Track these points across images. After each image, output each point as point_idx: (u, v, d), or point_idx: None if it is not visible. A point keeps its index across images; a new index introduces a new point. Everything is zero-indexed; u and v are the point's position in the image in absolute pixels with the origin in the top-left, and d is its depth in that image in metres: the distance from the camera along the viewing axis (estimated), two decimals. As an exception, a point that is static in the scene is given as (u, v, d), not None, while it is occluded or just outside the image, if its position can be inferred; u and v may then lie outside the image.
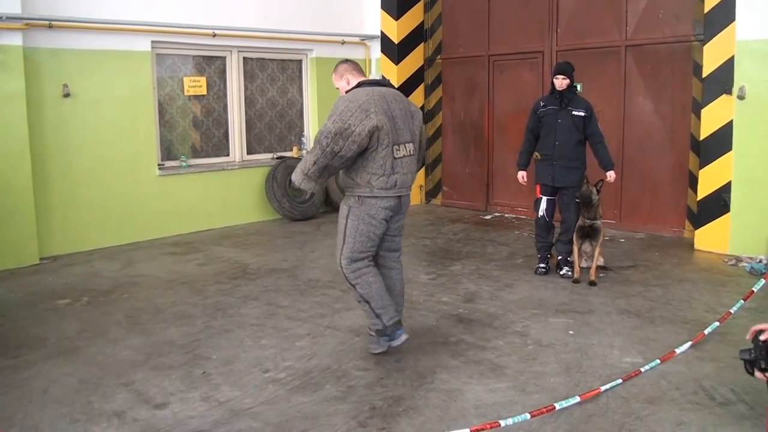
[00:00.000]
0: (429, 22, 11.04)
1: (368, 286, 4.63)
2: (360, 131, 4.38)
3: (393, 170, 4.57)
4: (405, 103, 4.78)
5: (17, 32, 7.52)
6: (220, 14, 9.36)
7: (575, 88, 6.78)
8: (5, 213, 7.44)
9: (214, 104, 9.85)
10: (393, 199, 4.66)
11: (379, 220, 4.63)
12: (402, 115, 4.66)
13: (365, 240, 4.62)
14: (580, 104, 6.61)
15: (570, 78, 6.57)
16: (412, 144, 4.75)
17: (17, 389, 4.42)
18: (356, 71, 4.84)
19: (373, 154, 4.50)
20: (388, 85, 4.82)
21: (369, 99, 4.49)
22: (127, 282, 6.93)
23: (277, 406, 4.07)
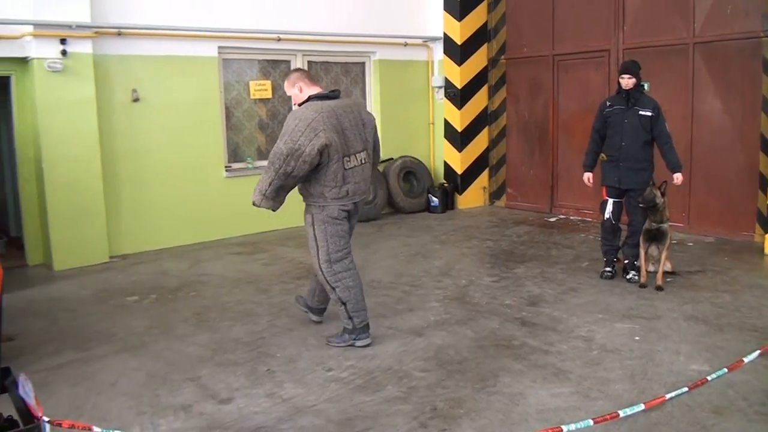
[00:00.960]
0: (492, 22, 10.97)
1: (347, 290, 4.97)
2: (310, 151, 4.63)
3: (344, 181, 4.87)
4: (356, 112, 5.00)
5: (87, 40, 7.83)
6: (284, 19, 9.51)
7: (642, 87, 6.60)
8: (77, 213, 7.74)
9: (279, 107, 10.01)
10: (348, 207, 4.99)
11: (342, 218, 4.98)
12: (352, 126, 4.91)
13: (337, 239, 4.96)
14: (647, 104, 6.44)
15: (636, 77, 6.41)
16: (364, 152, 5.01)
17: (87, 381, 4.60)
18: (309, 80, 5.08)
19: (325, 169, 4.78)
20: (338, 96, 5.03)
21: (318, 117, 4.71)
22: (194, 280, 7.12)
23: (339, 404, 4.12)
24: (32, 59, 7.56)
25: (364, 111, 5.14)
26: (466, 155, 11.06)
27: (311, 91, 5.00)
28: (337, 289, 4.97)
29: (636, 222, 6.51)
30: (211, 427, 3.85)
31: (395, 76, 10.94)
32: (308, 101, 4.93)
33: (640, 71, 6.47)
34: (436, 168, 11.44)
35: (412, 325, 5.54)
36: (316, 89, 5.03)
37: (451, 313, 5.80)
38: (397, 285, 6.71)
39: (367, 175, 5.12)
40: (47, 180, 7.65)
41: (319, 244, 4.97)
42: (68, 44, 7.63)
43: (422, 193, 11.00)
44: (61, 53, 7.58)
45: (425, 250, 8.22)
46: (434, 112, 11.37)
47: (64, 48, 7.59)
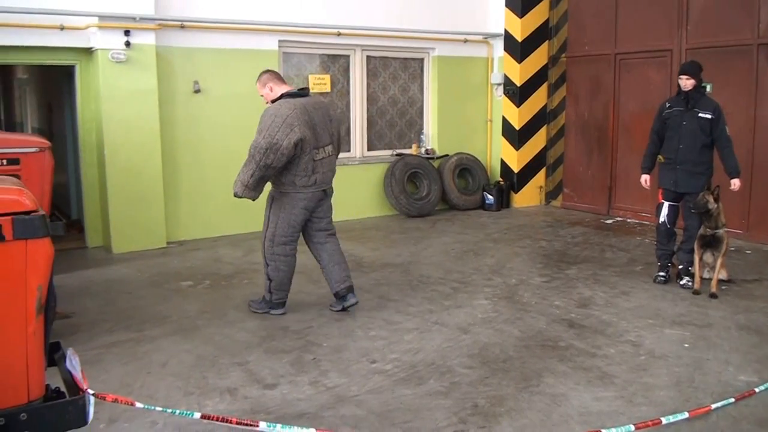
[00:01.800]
0: (554, 19, 10.83)
1: (277, 271, 5.60)
2: (287, 144, 5.16)
3: (314, 171, 5.43)
4: (324, 108, 5.56)
5: (151, 32, 8.05)
6: (344, 14, 9.59)
7: (703, 88, 6.44)
8: (137, 199, 7.98)
9: (338, 101, 10.10)
10: (315, 193, 5.52)
11: (299, 209, 5.50)
12: (321, 121, 5.45)
13: (286, 226, 5.52)
14: (707, 106, 6.27)
15: (696, 78, 6.26)
16: (331, 145, 5.57)
17: (138, 361, 4.77)
18: (279, 80, 5.58)
19: (297, 160, 5.32)
20: (307, 94, 5.55)
21: (292, 113, 5.23)
22: (247, 268, 7.26)
23: (381, 395, 4.17)
24: (97, 50, 7.82)
25: (330, 108, 5.70)
26: (523, 153, 10.96)
27: (282, 90, 5.51)
28: (270, 266, 5.60)
29: (691, 227, 6.37)
30: (254, 411, 3.94)
31: (454, 72, 10.91)
32: (281, 98, 5.43)
33: (700, 72, 6.32)
34: (493, 166, 11.38)
35: (459, 321, 5.54)
36: (287, 88, 5.55)
37: (499, 312, 5.78)
38: (446, 281, 6.72)
39: (333, 166, 5.67)
40: (108, 166, 7.91)
41: (269, 224, 5.59)
42: (132, 36, 7.86)
43: (477, 190, 10.95)
44: (124, 44, 7.81)
45: (477, 248, 8.20)
46: (492, 109, 11.30)
47: (128, 39, 7.83)
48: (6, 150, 5.10)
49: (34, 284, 2.12)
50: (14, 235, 2.08)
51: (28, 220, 2.11)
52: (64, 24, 7.60)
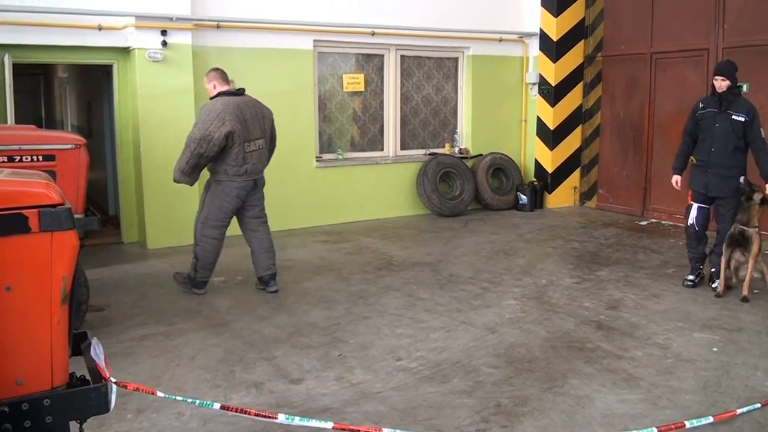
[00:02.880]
0: (590, 18, 10.73)
1: (204, 251, 6.14)
2: (218, 136, 5.79)
3: (244, 161, 6.02)
4: (257, 107, 6.21)
5: (187, 32, 8.20)
6: (379, 13, 9.62)
7: (738, 89, 6.29)
8: (172, 195, 8.09)
9: (371, 100, 10.15)
10: (247, 182, 6.10)
11: (232, 197, 6.08)
12: (252, 117, 6.09)
13: (218, 212, 6.10)
14: (741, 107, 6.12)
15: (731, 79, 6.11)
16: (262, 140, 6.19)
17: (168, 353, 4.87)
18: (222, 79, 6.25)
19: (229, 150, 5.93)
20: (243, 94, 6.23)
21: (225, 108, 5.92)
22: (279, 265, 7.29)
23: (405, 393, 4.20)
24: (134, 49, 7.99)
25: (264, 107, 6.32)
26: (557, 154, 10.88)
27: (222, 89, 6.17)
28: (198, 246, 6.15)
29: (724, 230, 6.24)
30: (279, 405, 4.00)
31: (489, 71, 10.87)
32: (218, 96, 6.11)
33: (735, 73, 6.16)
34: (527, 166, 11.32)
35: (486, 321, 5.54)
36: (226, 87, 6.22)
37: (527, 312, 5.77)
38: (475, 281, 6.72)
39: (263, 158, 6.28)
40: (144, 162, 8.06)
41: (204, 208, 6.17)
42: (168, 36, 8.01)
43: (511, 190, 10.90)
44: (161, 44, 7.97)
45: (508, 248, 8.17)
46: (527, 108, 11.24)
47: (165, 39, 7.98)
48: (42, 146, 5.23)
49: (59, 275, 2.19)
50: (40, 227, 2.15)
51: (54, 212, 2.17)
52: (102, 24, 7.77)
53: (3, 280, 2.15)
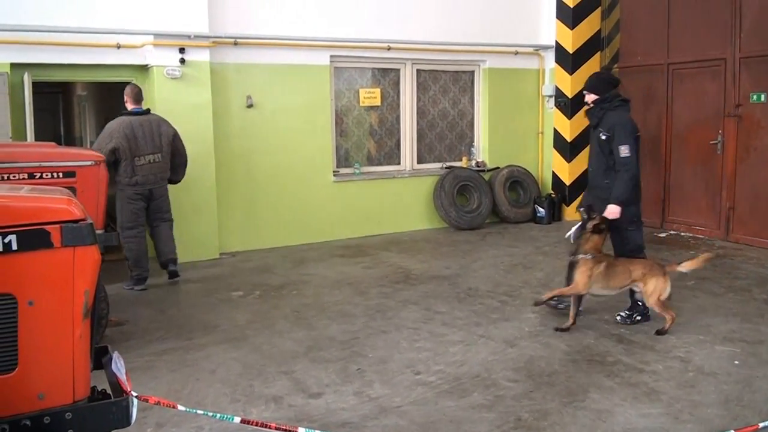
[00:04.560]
0: (606, 29, 10.71)
1: (130, 251, 6.91)
2: (105, 151, 6.48)
3: (134, 173, 6.86)
4: (154, 126, 7.00)
5: (205, 49, 8.29)
6: (395, 28, 9.66)
7: (611, 104, 5.75)
8: (192, 210, 8.18)
9: (388, 114, 10.18)
10: (140, 191, 6.95)
11: (133, 201, 6.91)
12: (145, 135, 6.91)
13: (129, 214, 6.92)
14: (607, 123, 5.67)
15: (596, 93, 5.77)
16: (156, 155, 6.99)
17: (187, 367, 4.90)
18: (133, 98, 7.09)
19: (122, 163, 6.79)
20: (143, 113, 7.04)
21: (117, 127, 6.84)
22: (297, 280, 7.36)
23: (424, 407, 4.18)
24: (152, 67, 8.09)
25: (163, 125, 7.11)
26: (575, 166, 10.84)
27: (131, 107, 7.04)
28: (125, 248, 6.90)
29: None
30: (298, 419, 4.00)
31: (505, 84, 10.88)
32: (120, 115, 6.99)
33: (605, 85, 5.82)
34: (544, 178, 11.28)
35: (506, 335, 5.51)
36: (135, 106, 7.05)
37: (547, 325, 5.73)
38: (494, 294, 6.69)
39: (157, 170, 7.04)
40: (164, 178, 8.11)
41: (118, 214, 6.96)
42: (186, 53, 8.10)
43: (528, 203, 10.86)
44: (179, 61, 8.05)
45: (527, 261, 8.13)
46: (543, 121, 11.22)
47: (183, 57, 8.07)
48: (62, 163, 5.29)
49: (81, 289, 2.21)
50: (63, 243, 2.18)
51: (76, 228, 2.20)
52: (120, 42, 7.87)
53: (26, 295, 2.17)
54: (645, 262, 5.64)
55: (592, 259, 5.51)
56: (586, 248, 5.58)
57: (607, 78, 6.04)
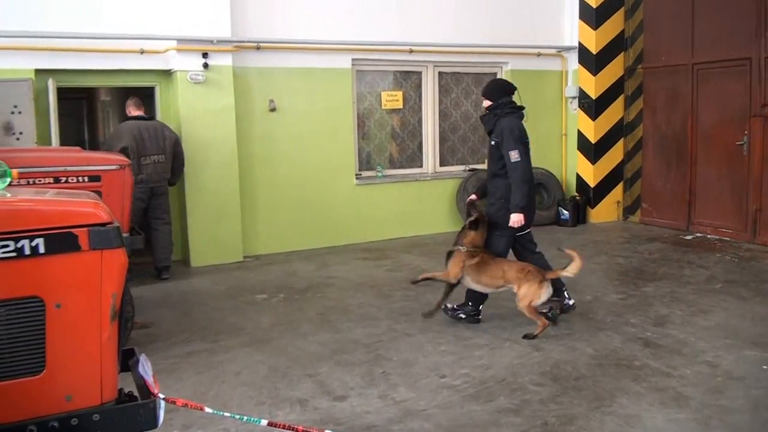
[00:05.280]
0: (629, 30, 10.61)
1: None
2: (116, 150, 6.95)
3: (140, 171, 7.30)
4: (158, 130, 7.57)
5: (228, 54, 8.33)
6: (416, 30, 9.64)
7: (499, 110, 5.83)
8: (215, 213, 8.23)
9: (410, 117, 10.17)
10: (144, 189, 7.41)
11: (138, 198, 7.12)
12: (150, 137, 7.45)
13: (135, 210, 6.89)
14: (498, 129, 5.73)
15: (490, 99, 5.83)
16: (160, 155, 7.54)
17: (213, 370, 4.91)
18: (135, 107, 7.71)
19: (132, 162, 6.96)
20: (149, 119, 7.68)
21: (125, 129, 7.46)
22: (320, 282, 7.36)
23: (449, 411, 4.15)
24: (176, 71, 8.15)
25: (167, 130, 7.65)
26: (599, 168, 10.75)
27: (134, 113, 7.63)
28: None
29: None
30: (324, 422, 3.99)
31: (528, 86, 10.69)
32: (126, 120, 7.61)
33: (498, 91, 5.87)
34: (568, 180, 11.20)
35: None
36: (138, 113, 7.64)
37: (573, 329, 5.67)
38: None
39: (160, 170, 7.58)
40: (187, 182, 8.18)
41: None
42: (209, 58, 8.16)
43: (552, 205, 10.79)
44: (202, 66, 8.11)
45: (551, 264, 8.03)
46: (567, 123, 11.15)
47: (206, 61, 8.12)
48: (88, 167, 5.33)
49: (108, 292, 2.22)
50: (90, 246, 2.18)
51: (104, 231, 2.21)
52: (144, 48, 7.95)
53: (53, 298, 2.18)
54: (523, 266, 5.66)
55: (465, 252, 5.68)
56: (464, 242, 5.75)
57: (501, 85, 6.01)
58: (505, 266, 5.63)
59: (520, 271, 5.55)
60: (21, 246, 2.13)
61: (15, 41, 7.38)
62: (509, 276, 5.55)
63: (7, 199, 2.35)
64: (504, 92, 5.89)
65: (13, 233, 2.13)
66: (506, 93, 5.89)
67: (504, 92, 5.89)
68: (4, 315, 2.14)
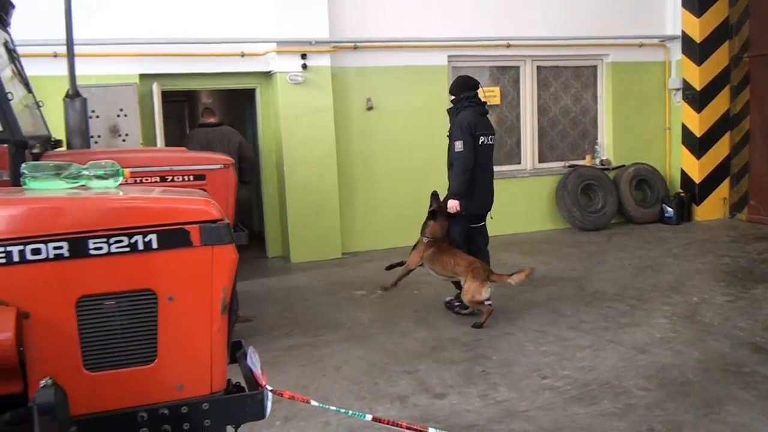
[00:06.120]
0: (734, 17, 10.06)
1: None
2: None
3: None
4: (224, 135, 7.95)
5: (326, 54, 8.48)
6: (513, 25, 9.52)
7: (459, 105, 6.23)
8: (315, 210, 8.38)
9: (507, 113, 10.04)
10: None
11: None
12: (217, 141, 7.79)
13: None
14: (453, 122, 6.17)
15: (453, 94, 6.25)
16: None
17: (314, 364, 5.01)
18: (207, 114, 8.20)
19: None
20: (217, 125, 8.09)
21: (194, 136, 8.01)
22: (417, 280, 7.30)
23: (552, 413, 4.07)
24: (275, 73, 8.36)
25: (232, 135, 8.01)
26: (705, 163, 10.28)
27: (206, 120, 8.08)
28: None
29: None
30: (424, 419, 3.99)
31: (629, 78, 10.47)
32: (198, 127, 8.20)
33: (459, 88, 6.28)
34: (672, 176, 10.77)
35: (635, 340, 5.29)
36: (209, 120, 8.10)
37: (679, 332, 5.44)
38: (622, 298, 6.44)
39: None
40: (287, 181, 8.37)
41: None
42: (308, 59, 8.32)
43: (656, 202, 10.40)
44: (301, 67, 8.27)
45: (655, 263, 7.78)
46: (671, 116, 10.71)
47: (305, 62, 8.28)
48: (193, 167, 5.51)
49: (219, 286, 2.28)
50: (201, 242, 2.25)
51: (215, 228, 2.27)
52: (244, 51, 8.19)
53: (165, 291, 2.26)
54: (472, 261, 5.92)
55: (426, 243, 6.16)
56: (426, 232, 6.22)
57: (464, 81, 6.39)
58: (457, 259, 5.96)
59: (469, 266, 5.84)
60: (134, 241, 2.21)
61: (120, 48, 7.77)
62: (458, 269, 5.89)
63: (120, 196, 2.45)
64: (466, 88, 6.30)
65: (127, 229, 2.21)
66: (468, 89, 6.30)
67: (466, 88, 6.30)
68: (118, 307, 2.23)
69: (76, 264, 2.18)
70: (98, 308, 2.22)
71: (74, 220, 2.20)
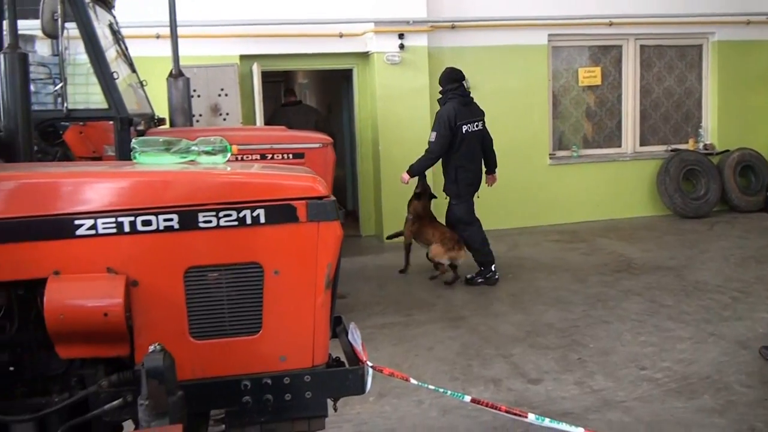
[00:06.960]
0: None
1: None
2: None
3: None
4: (303, 112, 8.57)
5: (423, 34, 8.43)
6: (615, 2, 9.19)
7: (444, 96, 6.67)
8: (407, 191, 8.14)
9: (608, 94, 9.74)
10: None
11: None
12: (297, 119, 7.90)
13: None
14: None
15: (441, 85, 6.65)
16: None
17: (406, 343, 5.05)
18: (288, 94, 9.01)
19: None
20: (297, 103, 8.87)
21: (279, 113, 8.48)
22: (512, 263, 7.30)
23: (650, 405, 3.95)
24: (372, 53, 8.39)
25: (310, 112, 8.85)
26: (817, 149, 9.68)
27: (288, 100, 8.84)
28: None
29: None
30: (518, 404, 3.95)
31: (736, 58, 9.92)
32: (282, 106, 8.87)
33: (444, 80, 6.64)
34: (781, 163, 10.20)
35: (738, 334, 5.05)
36: (290, 100, 8.87)
37: (785, 327, 5.18)
38: (724, 289, 6.17)
39: None
40: (383, 160, 8.42)
41: None
42: (405, 39, 8.29)
43: (761, 190, 9.88)
44: (398, 47, 8.26)
45: (760, 255, 7.40)
46: (782, 98, 10.12)
47: (402, 42, 8.26)
48: (293, 146, 5.61)
49: (324, 262, 2.32)
50: (308, 218, 2.29)
51: (321, 204, 2.31)
52: (342, 31, 8.24)
53: (272, 265, 2.31)
54: (445, 231, 6.66)
55: (411, 220, 6.96)
56: (410, 210, 7.00)
57: (450, 73, 6.70)
58: (434, 230, 6.71)
59: (441, 235, 6.61)
60: (243, 216, 2.26)
61: (222, 29, 7.96)
62: (434, 238, 6.62)
63: (229, 171, 2.51)
64: (452, 80, 6.66)
65: (235, 203, 2.26)
66: (454, 80, 6.66)
67: (452, 80, 6.66)
68: (226, 278, 2.29)
69: (186, 236, 2.25)
70: (206, 279, 2.28)
71: (184, 193, 2.27)
